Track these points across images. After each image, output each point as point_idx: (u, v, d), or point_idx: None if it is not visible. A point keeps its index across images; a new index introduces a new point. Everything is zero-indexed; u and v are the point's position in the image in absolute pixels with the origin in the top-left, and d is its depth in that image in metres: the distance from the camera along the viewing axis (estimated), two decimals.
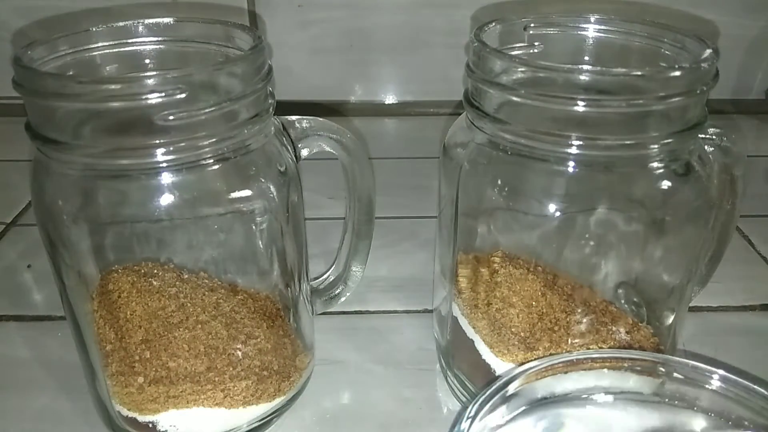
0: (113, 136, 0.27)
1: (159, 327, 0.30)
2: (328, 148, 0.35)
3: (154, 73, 0.25)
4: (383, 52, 0.71)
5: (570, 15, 0.33)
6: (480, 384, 0.34)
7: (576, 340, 0.31)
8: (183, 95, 0.26)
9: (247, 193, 0.30)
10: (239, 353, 0.32)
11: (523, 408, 0.25)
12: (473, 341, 0.33)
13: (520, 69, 0.29)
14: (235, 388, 0.32)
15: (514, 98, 0.28)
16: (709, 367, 0.25)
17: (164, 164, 0.27)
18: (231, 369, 0.32)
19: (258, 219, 0.31)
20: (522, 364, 0.25)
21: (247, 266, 0.33)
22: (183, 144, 0.27)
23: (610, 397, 0.26)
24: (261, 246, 0.32)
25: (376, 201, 0.38)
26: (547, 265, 0.32)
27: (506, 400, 0.24)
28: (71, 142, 0.27)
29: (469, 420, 0.22)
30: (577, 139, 0.27)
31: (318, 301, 0.39)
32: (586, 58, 0.33)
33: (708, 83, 0.28)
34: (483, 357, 0.33)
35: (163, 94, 0.25)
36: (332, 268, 0.40)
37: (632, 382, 0.26)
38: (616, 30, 0.33)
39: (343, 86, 0.73)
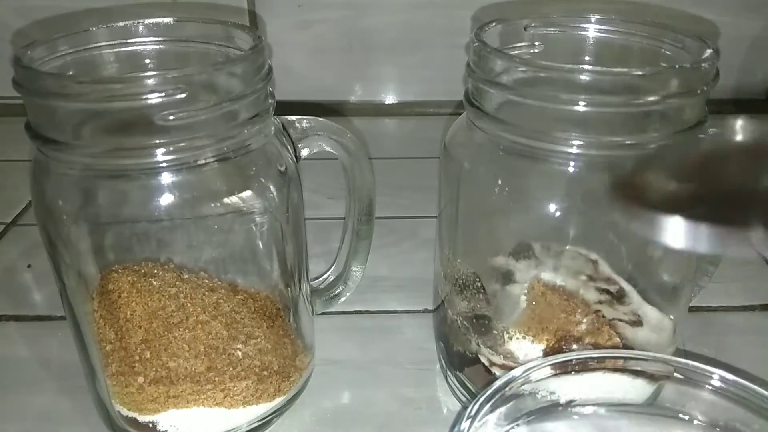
0: (113, 136, 0.27)
1: (159, 327, 0.30)
2: (328, 148, 0.35)
3: (154, 73, 0.25)
4: (383, 52, 0.71)
5: (570, 15, 0.33)
6: (480, 384, 0.34)
7: (576, 341, 0.31)
8: (183, 95, 0.26)
9: (247, 193, 0.30)
10: (239, 353, 0.32)
11: (523, 408, 0.25)
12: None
13: (520, 69, 0.29)
14: (235, 388, 0.32)
15: (515, 98, 0.28)
16: (709, 367, 0.25)
17: (164, 164, 0.27)
18: (231, 369, 0.32)
19: (258, 219, 0.31)
20: (522, 364, 0.25)
21: (247, 266, 0.33)
22: (183, 144, 0.27)
23: (609, 399, 0.26)
24: (261, 246, 0.32)
25: (376, 201, 0.38)
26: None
27: (506, 400, 0.24)
28: (71, 142, 0.27)
29: (469, 420, 0.22)
30: (578, 138, 0.27)
31: (318, 301, 0.39)
32: (587, 58, 0.33)
33: (708, 83, 0.28)
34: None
35: (163, 94, 0.25)
36: (332, 268, 0.40)
37: (632, 382, 0.26)
38: (616, 30, 0.33)
39: (343, 86, 0.73)
